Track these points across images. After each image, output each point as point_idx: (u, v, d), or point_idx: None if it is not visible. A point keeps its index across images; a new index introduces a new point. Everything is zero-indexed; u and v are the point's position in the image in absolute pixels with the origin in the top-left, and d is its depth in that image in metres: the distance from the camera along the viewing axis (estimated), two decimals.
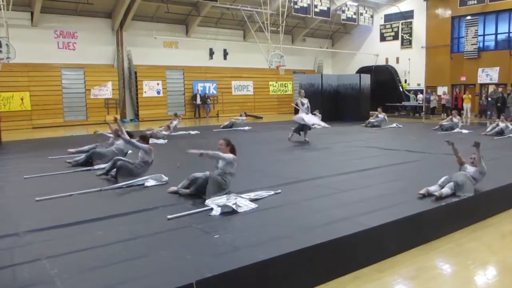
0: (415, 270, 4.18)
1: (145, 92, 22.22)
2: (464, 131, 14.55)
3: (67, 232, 4.47)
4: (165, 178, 6.75)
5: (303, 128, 12.09)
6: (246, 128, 16.50)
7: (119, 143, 8.61)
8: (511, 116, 20.34)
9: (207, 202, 5.37)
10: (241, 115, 17.68)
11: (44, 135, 15.26)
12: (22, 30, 18.33)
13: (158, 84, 22.63)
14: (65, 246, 4.03)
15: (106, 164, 7.59)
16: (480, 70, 23.26)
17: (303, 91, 13.96)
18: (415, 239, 4.80)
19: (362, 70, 26.62)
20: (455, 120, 15.42)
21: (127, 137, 7.63)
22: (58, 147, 10.82)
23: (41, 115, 18.97)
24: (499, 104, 20.47)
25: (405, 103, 25.82)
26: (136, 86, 22.02)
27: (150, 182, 6.60)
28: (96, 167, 8.01)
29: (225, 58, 25.33)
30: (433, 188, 5.72)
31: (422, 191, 5.62)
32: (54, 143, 12.30)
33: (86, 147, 10.13)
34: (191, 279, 3.19)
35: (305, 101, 12.60)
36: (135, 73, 21.93)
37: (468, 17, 23.46)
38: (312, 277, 3.84)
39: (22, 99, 18.52)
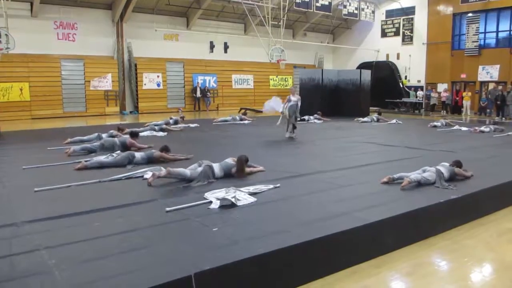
0: (412, 266, 4.20)
1: (145, 84, 22.19)
2: (464, 128, 14.55)
3: (65, 223, 4.47)
4: (164, 171, 6.74)
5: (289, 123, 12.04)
6: (246, 121, 16.49)
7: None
8: (510, 115, 20.38)
9: (206, 195, 5.38)
10: (242, 114, 17.59)
11: (43, 126, 15.24)
12: (22, 20, 18.25)
13: (158, 76, 22.59)
14: (64, 237, 4.04)
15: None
16: (480, 67, 23.23)
17: (293, 88, 13.54)
18: (413, 235, 4.81)
19: (363, 66, 26.55)
20: None
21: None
22: (57, 138, 10.80)
23: (40, 106, 18.93)
24: (498, 102, 20.47)
25: (405, 100, 25.79)
26: (136, 78, 21.98)
27: (149, 174, 6.58)
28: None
29: (225, 51, 25.27)
30: (413, 176, 6.03)
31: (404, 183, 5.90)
32: (53, 134, 12.27)
33: (85, 137, 10.24)
34: (190, 272, 3.20)
35: (295, 98, 11.83)
36: (135, 65, 21.87)
37: (470, 14, 23.40)
38: (309, 271, 3.86)
39: (21, 90, 18.49)
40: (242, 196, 5.32)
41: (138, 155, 7.69)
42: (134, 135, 9.42)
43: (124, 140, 9.11)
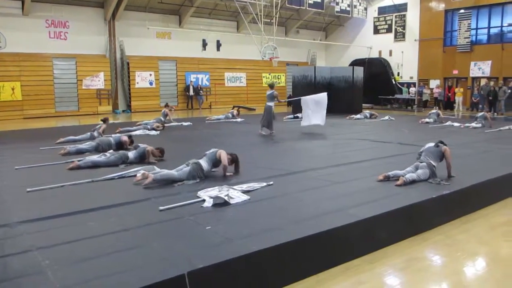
0: (405, 261, 4.22)
1: (137, 83, 22.11)
2: (456, 124, 14.64)
3: (58, 223, 4.45)
4: (158, 170, 6.72)
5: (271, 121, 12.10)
6: (239, 119, 16.48)
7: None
8: (502, 110, 20.53)
9: (199, 193, 5.38)
10: (233, 110, 17.57)
11: (35, 126, 15.15)
12: (13, 19, 18.12)
13: (150, 75, 22.52)
14: (57, 237, 4.02)
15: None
16: (472, 63, 23.37)
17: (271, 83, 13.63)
18: (406, 230, 4.84)
19: (356, 63, 26.65)
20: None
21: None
22: (49, 138, 10.74)
23: (32, 106, 18.81)
24: (490, 98, 20.60)
25: (397, 96, 25.90)
26: (129, 77, 21.89)
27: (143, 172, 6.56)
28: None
29: (218, 49, 25.22)
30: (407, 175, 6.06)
31: (399, 182, 5.88)
32: (46, 134, 12.20)
33: (78, 137, 10.23)
34: (183, 270, 3.20)
35: (269, 92, 12.27)
36: (128, 63, 21.79)
37: (462, 11, 23.52)
38: (303, 268, 3.87)
39: (13, 89, 18.35)
40: (235, 194, 5.32)
41: (131, 154, 7.67)
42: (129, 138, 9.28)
43: (118, 138, 9.09)
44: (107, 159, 7.47)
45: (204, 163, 6.37)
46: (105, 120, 11.10)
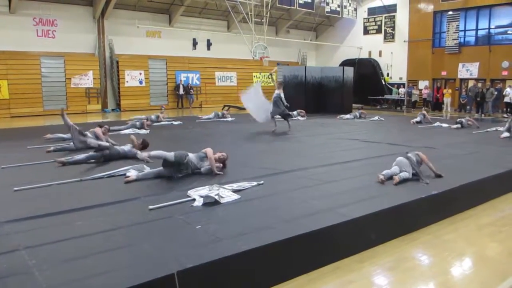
0: (394, 261, 4.25)
1: (127, 81, 21.94)
2: (444, 125, 14.77)
3: (46, 222, 4.40)
4: (147, 169, 6.69)
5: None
6: (229, 119, 16.47)
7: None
8: (489, 111, 20.75)
9: (190, 192, 5.36)
10: (224, 112, 17.58)
11: (22, 124, 14.96)
12: (0, 17, 17.87)
13: (140, 74, 22.37)
14: (44, 236, 3.97)
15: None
16: (460, 65, 23.58)
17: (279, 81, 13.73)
18: (395, 230, 4.87)
19: (346, 63, 26.74)
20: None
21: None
22: (37, 137, 10.63)
23: (19, 104, 18.56)
24: (478, 99, 20.81)
25: (387, 97, 26.06)
26: (118, 76, 21.72)
27: (132, 173, 6.53)
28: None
29: (208, 48, 25.14)
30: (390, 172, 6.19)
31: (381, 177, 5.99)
32: (33, 133, 12.06)
33: (66, 135, 10.16)
34: (173, 270, 3.18)
35: (277, 91, 12.58)
36: (117, 62, 21.61)
37: (450, 12, 23.73)
38: (294, 267, 3.87)
39: None
40: (226, 193, 5.31)
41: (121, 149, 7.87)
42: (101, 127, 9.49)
43: (93, 133, 9.25)
44: (87, 155, 7.62)
45: (192, 156, 6.45)
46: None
